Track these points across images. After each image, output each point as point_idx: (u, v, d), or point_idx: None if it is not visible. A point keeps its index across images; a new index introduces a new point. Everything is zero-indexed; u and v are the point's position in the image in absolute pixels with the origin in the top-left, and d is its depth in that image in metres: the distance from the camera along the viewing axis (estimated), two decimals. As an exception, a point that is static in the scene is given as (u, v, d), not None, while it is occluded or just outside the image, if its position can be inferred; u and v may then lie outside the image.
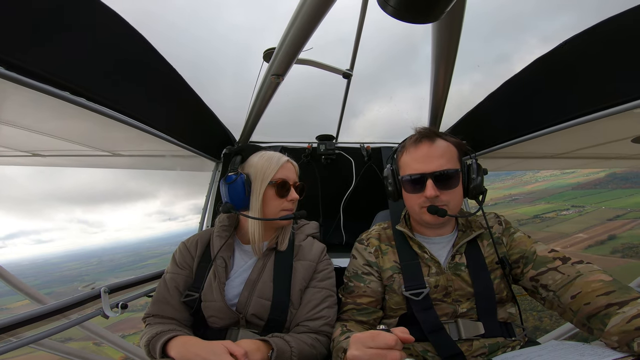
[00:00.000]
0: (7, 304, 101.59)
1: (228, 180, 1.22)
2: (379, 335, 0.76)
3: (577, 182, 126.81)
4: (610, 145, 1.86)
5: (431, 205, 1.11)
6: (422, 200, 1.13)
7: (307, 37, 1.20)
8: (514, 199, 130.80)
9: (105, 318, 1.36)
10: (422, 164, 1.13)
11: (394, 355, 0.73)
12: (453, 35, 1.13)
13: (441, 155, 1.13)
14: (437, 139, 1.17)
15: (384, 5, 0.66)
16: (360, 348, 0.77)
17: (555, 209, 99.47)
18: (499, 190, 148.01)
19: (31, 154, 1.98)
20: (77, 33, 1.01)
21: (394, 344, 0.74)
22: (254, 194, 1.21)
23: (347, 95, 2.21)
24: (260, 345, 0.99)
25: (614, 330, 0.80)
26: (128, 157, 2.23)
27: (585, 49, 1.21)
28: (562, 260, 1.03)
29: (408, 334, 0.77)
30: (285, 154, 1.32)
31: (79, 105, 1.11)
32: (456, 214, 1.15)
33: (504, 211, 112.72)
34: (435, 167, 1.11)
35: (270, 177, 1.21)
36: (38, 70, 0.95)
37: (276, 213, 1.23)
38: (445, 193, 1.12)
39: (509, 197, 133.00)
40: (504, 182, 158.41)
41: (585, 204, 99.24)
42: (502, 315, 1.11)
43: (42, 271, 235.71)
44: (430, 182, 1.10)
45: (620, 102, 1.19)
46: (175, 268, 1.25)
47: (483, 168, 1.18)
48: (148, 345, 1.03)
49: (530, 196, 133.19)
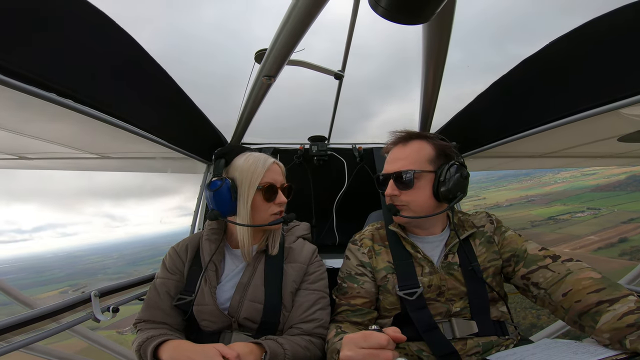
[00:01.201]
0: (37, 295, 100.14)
1: (212, 187, 1.17)
2: (371, 335, 0.76)
3: (597, 184, 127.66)
4: (598, 145, 1.89)
5: (390, 203, 1.20)
6: (388, 199, 1.22)
7: (299, 38, 1.20)
8: (530, 200, 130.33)
9: (96, 322, 1.34)
10: (388, 165, 1.24)
11: (386, 354, 0.74)
12: (443, 36, 1.14)
13: (405, 156, 1.19)
14: (410, 141, 1.22)
15: (374, 6, 0.66)
16: (352, 348, 0.77)
17: (571, 210, 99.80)
18: (515, 190, 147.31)
19: (17, 156, 1.93)
20: (64, 33, 0.99)
21: (386, 344, 0.74)
22: (241, 200, 1.17)
23: (339, 96, 2.21)
24: (253, 348, 0.98)
25: (605, 327, 0.81)
26: (117, 160, 2.19)
27: (572, 49, 1.23)
28: (552, 258, 1.04)
29: (400, 333, 0.77)
30: (277, 156, 1.31)
31: (66, 107, 1.09)
32: (420, 214, 1.18)
33: (519, 212, 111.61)
34: (395, 168, 1.19)
35: (258, 182, 1.18)
36: (23, 72, 0.93)
37: (265, 218, 1.20)
38: (406, 193, 1.16)
39: (525, 198, 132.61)
40: (521, 182, 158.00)
41: (602, 207, 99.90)
42: (495, 313, 1.12)
43: (66, 264, 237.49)
44: (391, 181, 1.19)
45: (607, 101, 1.21)
46: (165, 273, 1.23)
47: (463, 172, 1.15)
48: (139, 350, 1.01)
49: (547, 197, 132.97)
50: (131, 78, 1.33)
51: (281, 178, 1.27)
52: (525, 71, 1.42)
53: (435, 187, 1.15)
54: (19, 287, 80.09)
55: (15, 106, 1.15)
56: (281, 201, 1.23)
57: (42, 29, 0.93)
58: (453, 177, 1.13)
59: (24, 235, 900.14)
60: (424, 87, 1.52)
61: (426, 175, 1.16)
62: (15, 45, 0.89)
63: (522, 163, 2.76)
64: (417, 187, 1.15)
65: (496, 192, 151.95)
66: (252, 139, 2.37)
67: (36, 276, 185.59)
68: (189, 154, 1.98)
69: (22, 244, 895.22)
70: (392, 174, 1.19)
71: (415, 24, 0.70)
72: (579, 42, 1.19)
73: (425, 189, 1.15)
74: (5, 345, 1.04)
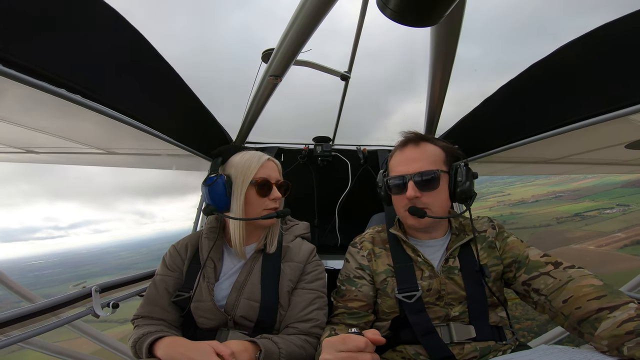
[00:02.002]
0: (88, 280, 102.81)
1: (208, 182, 1.20)
2: (349, 338, 0.77)
3: (628, 179, 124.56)
4: (605, 151, 1.88)
5: (412, 206, 1.13)
6: (405, 203, 1.15)
7: (306, 39, 1.20)
8: (558, 196, 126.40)
9: (95, 317, 1.34)
10: (404, 167, 1.16)
11: (364, 357, 0.74)
12: (451, 39, 1.14)
13: (423, 157, 1.15)
14: (422, 142, 1.20)
15: (383, 8, 0.66)
16: (331, 352, 0.77)
17: (599, 207, 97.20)
18: (542, 186, 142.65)
19: (25, 150, 1.95)
20: (73, 30, 1.00)
21: (364, 347, 0.75)
22: (234, 195, 1.19)
23: (345, 97, 2.21)
24: (248, 346, 0.98)
25: (604, 334, 0.81)
26: (123, 155, 2.21)
27: (581, 55, 1.22)
28: (554, 264, 1.03)
29: (379, 335, 0.77)
30: (281, 156, 1.32)
31: (74, 102, 1.10)
32: (438, 216, 1.15)
33: (544, 208, 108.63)
34: (415, 169, 1.14)
35: (252, 177, 1.19)
36: (34, 67, 0.94)
37: (259, 213, 1.21)
38: (427, 195, 1.13)
39: (553, 194, 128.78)
40: (549, 178, 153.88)
41: (632, 203, 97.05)
42: (493, 319, 1.11)
43: (99, 259, 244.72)
44: (411, 183, 1.12)
45: (615, 108, 1.20)
46: (165, 270, 1.24)
47: (473, 172, 1.17)
48: (135, 345, 1.02)
49: (575, 193, 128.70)
50: (138, 75, 1.34)
51: (276, 174, 1.27)
52: (532, 76, 1.41)
53: (451, 187, 1.15)
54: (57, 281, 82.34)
55: (25, 101, 1.17)
56: (275, 197, 1.23)
57: (53, 25, 0.95)
58: (467, 177, 1.13)
59: (60, 232, 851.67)
60: (431, 90, 1.51)
61: (444, 175, 1.15)
62: (26, 41, 0.91)
63: (527, 169, 2.74)
64: (440, 188, 1.14)
65: (522, 187, 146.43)
66: (257, 138, 2.37)
67: (72, 271, 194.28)
68: (193, 151, 1.99)
69: (58, 240, 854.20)
70: (414, 175, 1.13)
71: (424, 26, 0.70)
72: (588, 48, 1.18)
73: (444, 190, 1.15)
74: (4, 339, 1.05)
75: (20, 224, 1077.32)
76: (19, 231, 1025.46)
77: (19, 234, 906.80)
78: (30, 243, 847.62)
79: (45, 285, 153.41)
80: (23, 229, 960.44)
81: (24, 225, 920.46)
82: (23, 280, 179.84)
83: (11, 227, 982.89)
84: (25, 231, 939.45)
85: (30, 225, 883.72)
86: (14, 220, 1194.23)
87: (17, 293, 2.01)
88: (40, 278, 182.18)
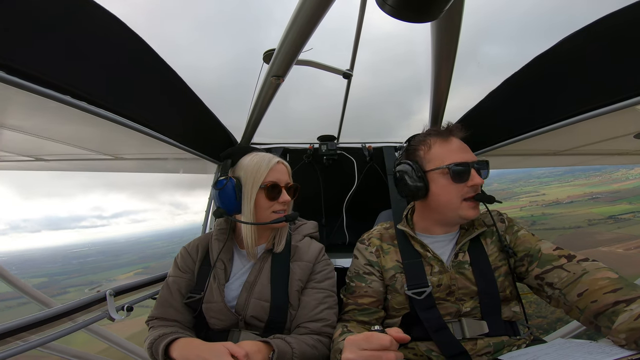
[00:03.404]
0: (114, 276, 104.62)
1: (218, 185, 1.22)
2: (372, 336, 0.75)
3: None
4: (613, 142, 1.85)
5: (478, 193, 1.13)
6: (464, 191, 1.12)
7: (307, 37, 1.20)
8: (594, 197, 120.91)
9: (111, 321, 1.36)
10: (464, 154, 1.15)
11: (389, 356, 0.73)
12: (452, 34, 1.12)
13: (468, 149, 1.18)
14: (461, 134, 1.22)
15: (381, 4, 0.66)
16: (354, 351, 0.76)
17: (635, 210, 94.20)
18: (580, 187, 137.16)
19: (34, 158, 1.99)
20: (77, 37, 1.02)
21: (389, 345, 0.74)
22: (245, 199, 1.20)
23: (348, 95, 2.20)
24: (261, 347, 0.99)
25: (622, 327, 0.79)
26: (130, 161, 2.23)
27: (587, 45, 1.20)
28: (567, 258, 1.02)
29: (402, 333, 0.77)
30: (287, 156, 1.32)
31: (80, 109, 1.11)
32: None
33: (578, 210, 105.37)
34: (472, 157, 1.15)
35: (261, 181, 1.20)
36: (39, 74, 0.95)
37: (268, 216, 1.22)
38: None
39: (589, 195, 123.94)
40: (589, 178, 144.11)
41: None
42: (506, 313, 1.10)
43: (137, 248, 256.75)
44: (473, 171, 1.11)
45: (623, 98, 1.18)
46: (177, 272, 1.26)
47: None
48: (151, 347, 1.04)
49: (613, 195, 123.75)
50: (143, 80, 1.36)
51: (285, 177, 1.27)
52: (538, 67, 1.40)
53: None
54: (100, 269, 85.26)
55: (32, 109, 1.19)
56: (284, 200, 1.23)
57: (58, 32, 0.96)
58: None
59: (102, 221, 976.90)
60: (434, 85, 1.50)
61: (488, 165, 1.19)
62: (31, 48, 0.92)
63: (535, 161, 2.71)
64: None
65: (559, 187, 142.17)
66: (262, 139, 2.38)
67: (114, 259, 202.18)
68: (200, 154, 2.01)
69: (100, 229, 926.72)
70: (475, 163, 1.14)
71: (423, 21, 0.69)
72: (593, 38, 1.16)
73: None
74: (22, 344, 1.07)
75: (69, 213, 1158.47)
76: (66, 219, 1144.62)
77: (66, 222, 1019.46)
78: (76, 231, 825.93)
79: (89, 272, 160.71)
80: (70, 218, 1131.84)
81: (71, 214, 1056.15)
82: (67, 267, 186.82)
83: (59, 216, 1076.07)
84: (72, 219, 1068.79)
85: (78, 214, 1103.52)
86: (64, 209, 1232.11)
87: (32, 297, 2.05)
88: (84, 265, 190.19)
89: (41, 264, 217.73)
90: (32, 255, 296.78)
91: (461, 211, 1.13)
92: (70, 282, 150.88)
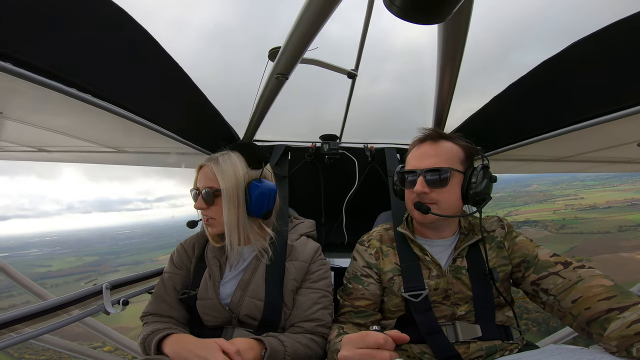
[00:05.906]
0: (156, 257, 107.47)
1: None
2: (368, 335, 0.77)
3: None
4: (616, 149, 1.84)
5: (417, 201, 1.14)
6: (413, 196, 1.16)
7: (312, 36, 1.20)
8: (634, 204, 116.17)
9: (106, 314, 1.37)
10: (417, 161, 1.18)
11: (383, 355, 0.74)
12: (460, 36, 1.12)
13: (438, 154, 1.15)
14: (441, 140, 1.19)
15: (389, 5, 0.65)
16: (350, 349, 0.78)
17: None
18: (623, 192, 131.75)
19: (37, 149, 1.99)
20: (84, 29, 1.02)
21: (383, 343, 0.74)
22: None
23: (352, 95, 2.20)
24: (253, 344, 1.00)
25: (613, 335, 0.80)
26: (133, 154, 2.23)
27: (592, 51, 1.19)
28: (563, 264, 1.02)
29: (400, 333, 0.78)
30: (288, 153, 1.32)
31: (85, 101, 1.12)
32: (447, 214, 1.14)
33: (614, 216, 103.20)
34: (427, 164, 1.14)
35: (192, 186, 1.26)
36: (45, 67, 0.96)
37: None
38: (436, 192, 1.13)
39: (629, 202, 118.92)
40: (635, 183, 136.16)
41: None
42: (500, 318, 1.11)
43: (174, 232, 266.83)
44: (420, 178, 1.13)
45: (627, 105, 1.18)
46: (172, 268, 1.27)
47: (492, 175, 1.16)
48: (144, 342, 1.05)
49: None
50: (148, 74, 1.36)
51: (204, 182, 1.25)
52: (543, 73, 1.39)
53: (464, 188, 1.14)
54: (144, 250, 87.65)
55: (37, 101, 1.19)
56: (196, 207, 1.24)
57: (63, 24, 0.96)
58: (483, 180, 1.12)
59: (146, 205, 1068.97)
60: (439, 88, 1.50)
61: (457, 175, 1.15)
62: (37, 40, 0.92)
63: (537, 167, 2.70)
64: (450, 186, 1.14)
65: (601, 192, 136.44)
66: (264, 136, 2.38)
67: (155, 241, 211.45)
68: (202, 149, 2.01)
69: (143, 212, 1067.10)
70: (424, 170, 1.14)
71: (431, 23, 0.69)
72: (599, 45, 1.16)
73: (456, 190, 1.15)
74: (16, 336, 1.07)
75: (118, 196, 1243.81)
76: (115, 202, 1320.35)
77: (115, 205, 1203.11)
78: (122, 214, 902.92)
79: (135, 253, 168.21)
80: (119, 200, 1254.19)
81: (120, 196, 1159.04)
82: (115, 247, 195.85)
83: (111, 198, 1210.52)
84: (120, 202, 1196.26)
85: (125, 197, 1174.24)
86: (116, 192, 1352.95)
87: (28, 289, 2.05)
88: (130, 246, 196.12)
89: (92, 244, 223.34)
90: (84, 235, 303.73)
91: (413, 214, 1.20)
92: (119, 261, 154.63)
